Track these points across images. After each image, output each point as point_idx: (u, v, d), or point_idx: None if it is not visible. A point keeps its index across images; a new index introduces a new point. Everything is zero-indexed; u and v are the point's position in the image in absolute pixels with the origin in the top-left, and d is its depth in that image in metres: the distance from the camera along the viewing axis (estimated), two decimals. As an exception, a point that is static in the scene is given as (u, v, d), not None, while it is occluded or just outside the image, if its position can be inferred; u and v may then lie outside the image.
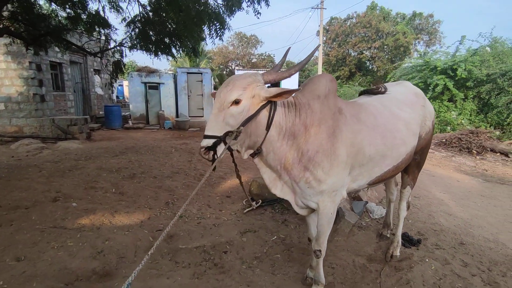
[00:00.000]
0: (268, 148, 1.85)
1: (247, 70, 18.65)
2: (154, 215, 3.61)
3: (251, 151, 1.88)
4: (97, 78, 13.15)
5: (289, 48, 2.07)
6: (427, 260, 2.82)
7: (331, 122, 1.92)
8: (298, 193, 2.03)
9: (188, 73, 12.58)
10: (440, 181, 5.67)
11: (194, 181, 4.86)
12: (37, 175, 4.88)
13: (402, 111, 2.35)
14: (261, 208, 3.86)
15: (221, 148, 1.68)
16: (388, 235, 3.19)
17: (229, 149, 1.76)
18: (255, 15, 5.03)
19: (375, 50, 24.83)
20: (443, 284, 2.49)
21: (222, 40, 5.42)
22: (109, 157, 6.30)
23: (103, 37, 6.33)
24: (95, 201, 3.90)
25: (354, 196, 4.24)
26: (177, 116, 12.60)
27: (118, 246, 2.88)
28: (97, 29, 6.17)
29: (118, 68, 6.26)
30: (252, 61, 33.55)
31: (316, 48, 1.92)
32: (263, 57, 33.91)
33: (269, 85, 1.81)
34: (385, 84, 2.65)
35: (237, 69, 19.42)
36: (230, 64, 34.02)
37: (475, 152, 8.16)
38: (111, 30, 6.21)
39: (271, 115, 1.77)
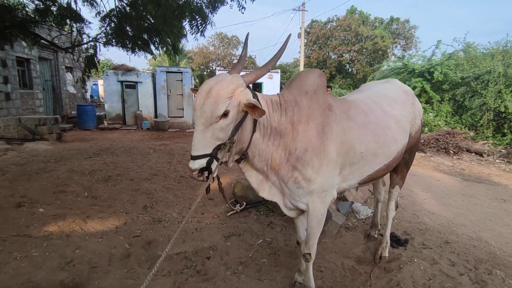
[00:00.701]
0: (254, 151, 1.75)
1: (228, 71, 18.42)
2: (130, 220, 3.36)
3: (237, 157, 1.76)
4: (69, 76, 12.50)
5: (248, 34, 1.98)
6: (415, 260, 2.78)
7: (320, 119, 1.82)
8: (286, 194, 1.92)
9: (167, 72, 12.21)
10: (422, 181, 5.75)
11: (174, 183, 4.63)
12: (0, 178, 4.47)
13: (393, 108, 2.29)
14: (245, 210, 3.70)
15: (214, 165, 1.56)
16: (376, 236, 3.13)
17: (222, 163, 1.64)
18: (239, 9, 4.87)
19: (354, 53, 25.36)
20: (433, 284, 2.44)
21: (204, 36, 5.23)
22: (81, 159, 5.92)
23: (75, 32, 5.95)
24: (65, 206, 3.60)
25: (339, 197, 4.18)
26: (155, 116, 12.19)
27: (90, 254, 2.63)
28: (69, 23, 5.80)
29: (91, 64, 5.89)
30: (233, 62, 33.33)
31: (288, 39, 1.82)
32: (244, 58, 33.74)
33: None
34: (373, 81, 2.60)
35: (218, 70, 19.16)
36: (211, 64, 33.64)
37: (452, 152, 8.41)
38: (84, 24, 5.85)
39: (250, 118, 1.64)
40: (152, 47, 6.13)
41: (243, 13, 4.84)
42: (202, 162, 1.53)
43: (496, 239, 3.38)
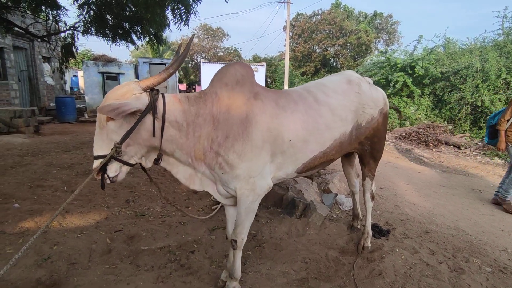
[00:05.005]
0: (171, 147, 1.83)
1: (213, 63, 18.19)
2: (112, 215, 3.27)
3: (154, 157, 1.86)
4: (46, 66, 11.98)
5: (193, 35, 2.12)
6: (397, 250, 2.85)
7: (244, 107, 1.90)
8: (217, 181, 2.00)
9: (150, 63, 11.95)
10: (403, 173, 5.90)
11: (158, 176, 4.54)
12: (-29, 173, 4.24)
13: (328, 97, 2.28)
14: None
15: (114, 166, 1.71)
16: (359, 227, 3.19)
17: (128, 164, 1.76)
18: (223, -1, 4.76)
19: (339, 48, 25.56)
20: (413, 273, 2.51)
21: (188, 26, 5.11)
22: (60, 153, 5.70)
23: (51, 19, 5.67)
24: (42, 201, 3.46)
25: (324, 189, 4.23)
26: (139, 109, 11.90)
27: (69, 251, 2.54)
28: (44, 10, 5.52)
29: (69, 53, 5.65)
30: (218, 54, 32.93)
31: (191, 40, 1.95)
32: (229, 50, 33.40)
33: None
34: (329, 75, 2.62)
35: (203, 62, 18.85)
36: (195, 57, 33.10)
37: (431, 145, 8.67)
38: (61, 12, 5.58)
39: (157, 119, 1.72)
40: (134, 37, 5.96)
41: (226, 2, 4.74)
42: (98, 163, 1.67)
43: (473, 228, 3.51)
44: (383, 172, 5.59)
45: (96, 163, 1.68)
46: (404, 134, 9.41)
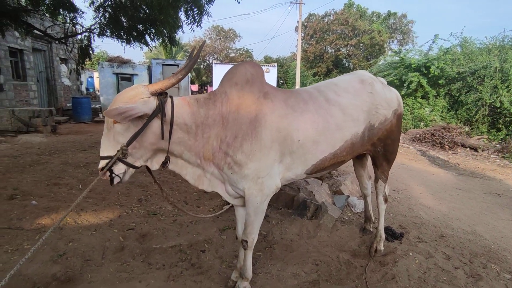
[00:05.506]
0: (180, 149, 1.84)
1: (224, 64, 18.30)
2: (125, 213, 3.33)
3: (161, 159, 1.87)
4: (63, 68, 12.32)
5: (204, 42, 2.14)
6: (410, 253, 2.78)
7: (253, 107, 1.89)
8: (226, 181, 1.99)
9: (163, 64, 12.11)
10: (417, 175, 5.77)
11: (170, 176, 4.59)
12: (-8, 170, 4.40)
13: (340, 96, 2.23)
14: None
15: (120, 167, 1.72)
16: (371, 229, 3.13)
17: (133, 166, 1.78)
18: (236, -1, 4.79)
19: (351, 48, 25.28)
20: (428, 278, 2.45)
21: (201, 27, 5.15)
22: (76, 152, 5.85)
23: (68, 21, 5.82)
24: (58, 199, 3.55)
25: (335, 190, 4.18)
26: (151, 109, 12.10)
27: (84, 247, 2.59)
28: (62, 13, 5.68)
29: (86, 54, 5.79)
30: (230, 55, 33.10)
31: (202, 46, 1.94)
32: (241, 51, 33.54)
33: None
34: (341, 75, 2.59)
35: (214, 63, 18.97)
36: (207, 58, 33.36)
37: (447, 147, 8.46)
38: (78, 14, 5.73)
39: (165, 122, 1.72)
40: (148, 38, 6.05)
41: (239, 2, 4.76)
42: (104, 163, 1.68)
43: (491, 233, 3.40)
44: (397, 174, 5.49)
45: (102, 163, 1.70)
46: (418, 135, 9.21)
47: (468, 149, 8.42)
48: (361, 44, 24.84)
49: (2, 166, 4.65)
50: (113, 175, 1.72)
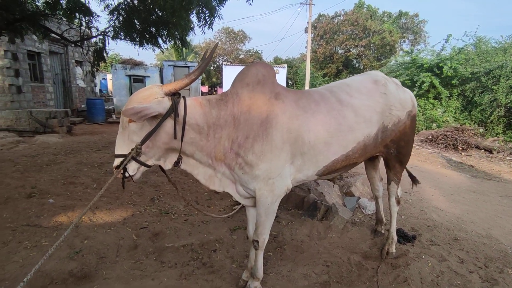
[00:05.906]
0: (192, 149, 1.86)
1: (234, 66, 18.38)
2: (138, 212, 3.40)
3: (174, 159, 1.89)
4: (78, 70, 12.62)
5: (217, 44, 2.13)
6: (423, 256, 2.75)
7: (265, 107, 1.90)
8: (237, 181, 2.01)
9: (174, 66, 12.28)
10: (429, 177, 5.68)
11: (181, 176, 4.66)
12: (11, 169, 4.55)
13: (352, 97, 2.21)
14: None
15: (133, 166, 1.76)
16: (383, 231, 3.11)
17: (146, 165, 1.81)
18: (247, 1, 4.82)
19: (362, 48, 25.00)
20: (441, 281, 2.41)
21: (212, 29, 5.21)
22: (91, 152, 6.00)
23: (84, 25, 5.98)
24: (74, 198, 3.65)
25: (346, 192, 4.16)
26: (163, 110, 12.27)
27: (99, 245, 2.66)
28: (78, 16, 5.83)
29: (100, 57, 5.93)
30: (240, 57, 33.20)
31: (215, 48, 1.97)
32: (250, 53, 33.62)
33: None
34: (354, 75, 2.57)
35: (224, 64, 19.09)
36: (217, 59, 33.57)
37: (460, 148, 8.28)
38: (93, 18, 5.88)
39: (178, 122, 1.75)
40: (160, 41, 6.15)
41: (250, 4, 4.81)
42: (118, 161, 1.73)
43: (507, 237, 3.32)
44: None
45: (117, 162, 1.75)
46: (430, 137, 9.04)
47: (482, 150, 8.22)
48: (371, 45, 24.55)
49: (21, 165, 4.81)
50: (126, 173, 1.76)
